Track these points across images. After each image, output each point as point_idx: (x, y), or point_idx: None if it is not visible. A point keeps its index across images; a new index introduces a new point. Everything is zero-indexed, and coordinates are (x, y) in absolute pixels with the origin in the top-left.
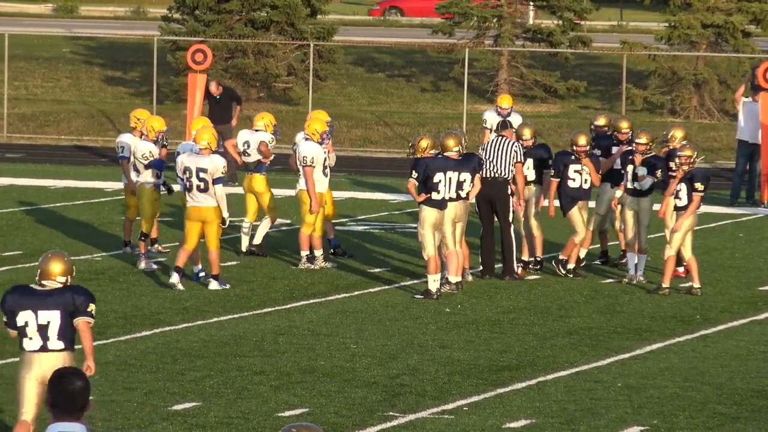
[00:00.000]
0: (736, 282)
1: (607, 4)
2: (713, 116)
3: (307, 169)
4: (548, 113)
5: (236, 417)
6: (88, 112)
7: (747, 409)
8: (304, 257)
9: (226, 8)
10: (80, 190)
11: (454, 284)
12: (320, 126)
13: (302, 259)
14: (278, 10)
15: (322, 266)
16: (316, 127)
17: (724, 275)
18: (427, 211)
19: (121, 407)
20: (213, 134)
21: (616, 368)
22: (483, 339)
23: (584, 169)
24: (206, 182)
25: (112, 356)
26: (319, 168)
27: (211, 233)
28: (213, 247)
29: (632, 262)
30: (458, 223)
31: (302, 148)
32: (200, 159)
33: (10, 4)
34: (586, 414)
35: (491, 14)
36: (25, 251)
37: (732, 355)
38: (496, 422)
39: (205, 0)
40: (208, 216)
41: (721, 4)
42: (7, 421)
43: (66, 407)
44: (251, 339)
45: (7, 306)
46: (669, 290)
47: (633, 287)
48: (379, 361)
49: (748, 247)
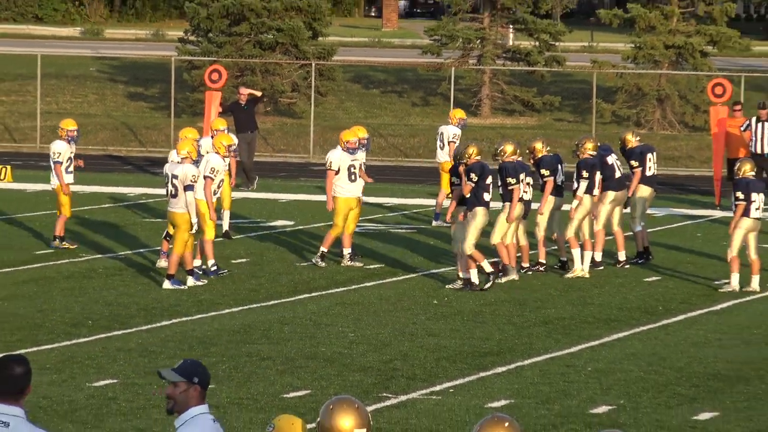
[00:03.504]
0: (695, 277)
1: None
2: (674, 128)
3: (328, 173)
4: (526, 125)
5: (246, 398)
6: (113, 124)
7: (704, 391)
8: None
9: (237, 31)
10: (106, 195)
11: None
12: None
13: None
14: (283, 33)
15: (348, 265)
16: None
17: (684, 271)
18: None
19: (142, 389)
20: (194, 146)
21: (586, 354)
22: (467, 328)
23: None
24: (177, 188)
25: (134, 344)
26: (344, 175)
27: (177, 237)
28: (175, 249)
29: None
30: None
31: (328, 153)
32: (176, 167)
33: (42, 28)
34: (560, 395)
35: (475, 36)
36: (57, 250)
37: (690, 342)
38: (479, 402)
39: (218, 24)
40: (177, 220)
41: (682, 27)
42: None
43: (6, 391)
44: (259, 328)
45: None
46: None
47: (602, 282)
48: (373, 348)
49: (706, 246)
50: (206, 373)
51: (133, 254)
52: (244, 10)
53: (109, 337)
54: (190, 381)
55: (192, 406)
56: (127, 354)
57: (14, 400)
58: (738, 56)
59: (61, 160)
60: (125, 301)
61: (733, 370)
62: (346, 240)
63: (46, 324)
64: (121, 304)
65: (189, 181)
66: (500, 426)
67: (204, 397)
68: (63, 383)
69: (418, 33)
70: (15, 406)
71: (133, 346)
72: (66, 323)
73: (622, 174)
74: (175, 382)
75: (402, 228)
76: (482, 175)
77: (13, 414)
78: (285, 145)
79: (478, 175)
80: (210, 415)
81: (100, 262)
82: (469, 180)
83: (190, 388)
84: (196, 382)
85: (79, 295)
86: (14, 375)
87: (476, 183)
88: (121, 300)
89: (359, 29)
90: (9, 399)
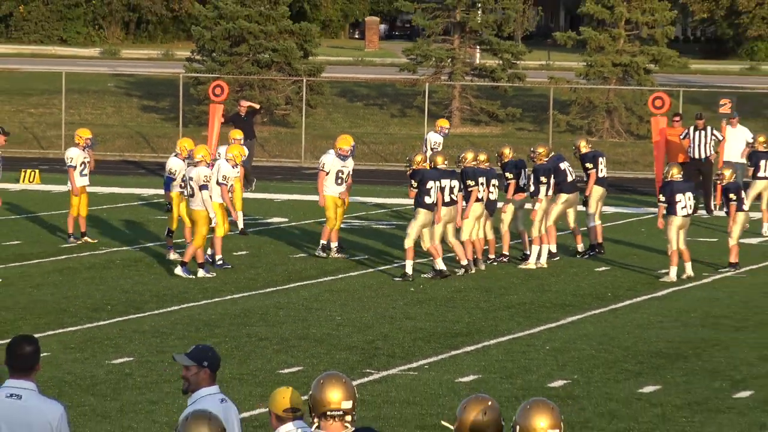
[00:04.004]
0: (639, 267)
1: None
2: (621, 136)
3: (320, 173)
4: (491, 134)
5: (246, 373)
6: (128, 133)
7: (647, 367)
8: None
9: (237, 51)
10: (122, 195)
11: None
12: (344, 144)
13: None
14: (278, 53)
15: (335, 257)
16: (341, 145)
17: (630, 262)
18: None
19: (155, 366)
20: (207, 150)
21: (544, 335)
22: (440, 312)
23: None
24: (193, 189)
25: (148, 326)
26: (332, 177)
27: (197, 231)
28: (195, 242)
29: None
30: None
31: (323, 156)
32: (192, 170)
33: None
34: (521, 371)
35: (446, 56)
36: (80, 245)
37: (636, 324)
38: (451, 378)
39: (220, 45)
40: (195, 216)
41: (628, 48)
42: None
43: (18, 367)
44: (257, 312)
45: None
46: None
47: (558, 272)
48: (358, 330)
49: (649, 240)
50: (216, 357)
51: (146, 247)
52: (244, 33)
53: (125, 320)
54: (200, 365)
55: (203, 386)
56: (141, 335)
57: (26, 375)
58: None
59: (74, 164)
60: (140, 289)
61: (673, 349)
62: (333, 235)
63: (70, 309)
64: (136, 291)
65: (203, 181)
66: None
67: (214, 378)
68: (85, 361)
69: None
70: (27, 380)
71: (146, 328)
72: (88, 308)
73: (574, 178)
74: (188, 366)
75: (383, 224)
76: (422, 181)
77: (24, 387)
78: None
79: (418, 181)
80: (220, 395)
81: (118, 254)
82: (411, 186)
83: (201, 371)
84: (206, 365)
85: (99, 284)
86: (25, 353)
87: (417, 188)
88: (136, 288)
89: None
90: (21, 375)
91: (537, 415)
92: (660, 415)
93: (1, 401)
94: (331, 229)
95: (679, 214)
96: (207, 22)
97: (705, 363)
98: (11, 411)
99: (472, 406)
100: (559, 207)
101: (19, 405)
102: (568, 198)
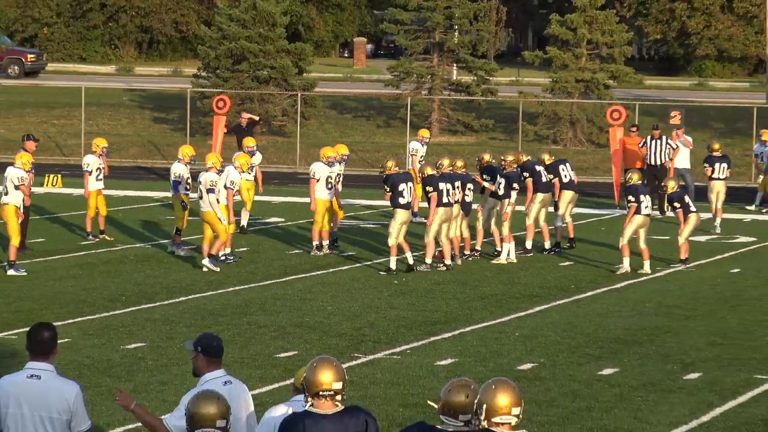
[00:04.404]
0: (599, 262)
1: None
2: (583, 144)
3: (311, 180)
4: (467, 143)
5: (246, 357)
6: (141, 142)
7: (607, 351)
8: (314, 246)
9: (239, 68)
10: (136, 198)
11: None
12: (330, 152)
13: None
14: (276, 70)
15: (327, 253)
16: (328, 153)
17: (591, 257)
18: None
19: (164, 351)
20: (218, 158)
21: (514, 323)
22: (421, 302)
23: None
24: (201, 192)
25: (158, 315)
26: (323, 183)
27: (215, 229)
28: (220, 237)
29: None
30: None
31: (311, 166)
32: (202, 174)
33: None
34: (494, 355)
35: (426, 72)
36: (98, 242)
37: (596, 313)
38: (430, 361)
39: (224, 63)
40: (206, 217)
41: (589, 65)
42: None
43: (38, 351)
44: (257, 303)
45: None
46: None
47: (527, 266)
48: (347, 318)
49: (608, 237)
50: (210, 343)
51: (158, 244)
52: (245, 52)
53: (138, 310)
54: (195, 350)
55: (204, 372)
56: (152, 323)
57: (45, 358)
58: (633, 88)
59: (90, 169)
60: (151, 282)
61: (629, 335)
62: (324, 234)
63: (88, 300)
64: (148, 283)
65: (209, 185)
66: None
67: (217, 363)
68: (102, 346)
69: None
70: (46, 362)
71: (157, 316)
72: (104, 299)
73: (547, 179)
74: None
75: (371, 223)
76: (393, 185)
77: (44, 369)
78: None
79: (389, 185)
80: (224, 378)
81: (132, 251)
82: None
83: (198, 356)
84: (199, 350)
85: (115, 277)
86: (44, 338)
87: (390, 191)
88: (148, 280)
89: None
90: (40, 357)
91: (500, 393)
92: (618, 395)
93: (23, 381)
94: (320, 231)
95: (643, 213)
96: (212, 43)
97: (658, 348)
98: (31, 390)
99: (456, 388)
100: (536, 206)
101: (39, 384)
102: (544, 197)
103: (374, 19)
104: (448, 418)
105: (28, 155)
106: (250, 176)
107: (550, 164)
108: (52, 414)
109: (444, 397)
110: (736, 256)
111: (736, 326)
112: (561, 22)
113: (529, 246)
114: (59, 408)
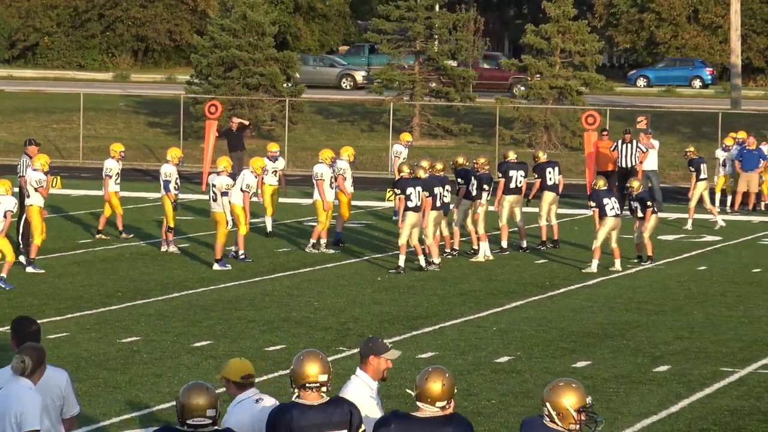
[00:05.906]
0: (572, 260)
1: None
2: (557, 148)
3: (318, 182)
4: (446, 146)
5: (237, 351)
6: (136, 145)
7: (579, 345)
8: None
9: (230, 75)
10: (131, 198)
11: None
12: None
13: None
14: (265, 77)
15: (325, 251)
16: (328, 154)
17: (565, 255)
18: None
19: (159, 344)
20: (229, 161)
21: (492, 318)
22: (403, 298)
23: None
24: (216, 194)
25: (153, 310)
26: (327, 182)
27: (219, 230)
28: (218, 239)
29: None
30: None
31: (315, 168)
32: (215, 178)
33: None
34: (472, 348)
35: (408, 80)
36: (95, 240)
37: (570, 309)
38: (412, 354)
39: (215, 70)
40: (217, 218)
41: (562, 73)
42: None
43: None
44: (247, 298)
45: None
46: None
47: (503, 264)
48: (332, 313)
49: (581, 237)
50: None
51: (152, 243)
52: (235, 60)
53: (133, 305)
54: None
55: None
56: (147, 318)
57: None
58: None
59: (111, 174)
60: (146, 278)
61: (601, 330)
62: (324, 234)
63: (86, 295)
64: (142, 280)
65: (224, 189)
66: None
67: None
68: (99, 340)
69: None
70: None
71: (152, 312)
72: (101, 295)
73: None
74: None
75: (355, 223)
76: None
77: None
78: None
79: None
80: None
81: (127, 249)
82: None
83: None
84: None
85: (111, 274)
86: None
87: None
88: (142, 277)
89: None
90: None
91: (565, 393)
92: (591, 387)
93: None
94: (322, 230)
95: (609, 215)
96: (204, 51)
97: (629, 342)
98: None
99: (431, 376)
100: (506, 207)
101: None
102: (509, 199)
103: (358, 29)
104: (426, 405)
105: (45, 156)
106: (273, 180)
107: (539, 164)
108: (47, 401)
109: (420, 384)
110: (703, 254)
111: (702, 321)
112: (536, 32)
113: (505, 245)
114: (52, 395)
